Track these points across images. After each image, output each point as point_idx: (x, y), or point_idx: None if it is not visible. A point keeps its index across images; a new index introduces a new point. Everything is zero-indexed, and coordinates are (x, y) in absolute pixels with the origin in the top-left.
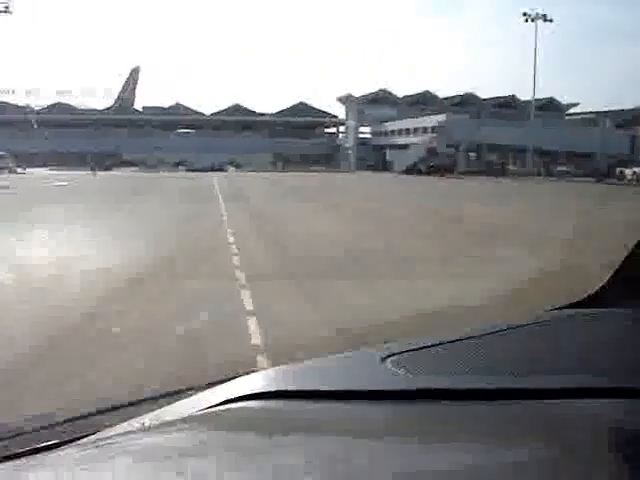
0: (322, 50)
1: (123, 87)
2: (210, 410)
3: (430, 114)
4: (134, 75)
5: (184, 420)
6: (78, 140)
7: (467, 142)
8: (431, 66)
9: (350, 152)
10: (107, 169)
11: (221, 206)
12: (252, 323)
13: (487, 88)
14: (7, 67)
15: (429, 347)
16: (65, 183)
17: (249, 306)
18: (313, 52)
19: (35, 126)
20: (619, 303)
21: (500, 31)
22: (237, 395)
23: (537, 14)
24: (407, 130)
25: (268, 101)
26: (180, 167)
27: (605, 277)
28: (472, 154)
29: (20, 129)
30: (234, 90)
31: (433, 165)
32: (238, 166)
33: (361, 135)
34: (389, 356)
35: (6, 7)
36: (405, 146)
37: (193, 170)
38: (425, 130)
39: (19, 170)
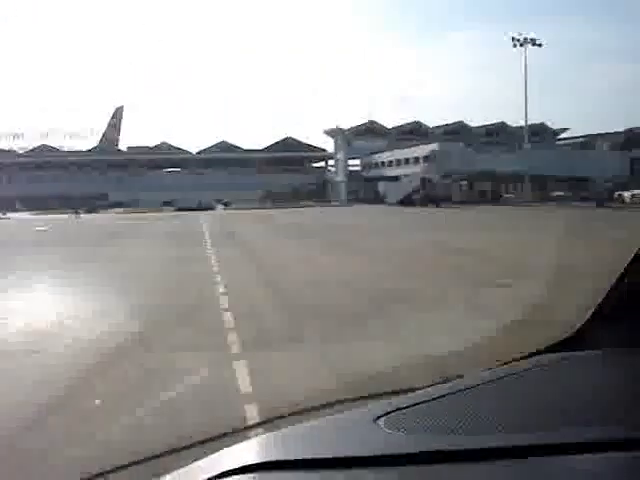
0: (307, 84)
1: (107, 127)
2: None
3: (420, 144)
4: (118, 115)
5: None
6: (63, 182)
7: (461, 171)
8: (418, 96)
9: (341, 185)
10: (91, 211)
11: (209, 251)
12: None
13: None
14: None
15: (420, 404)
16: (44, 228)
17: None
18: (298, 86)
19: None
20: (600, 343)
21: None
22: (228, 469)
23: (525, 39)
24: (398, 161)
25: (255, 137)
26: (167, 207)
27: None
28: (463, 182)
29: (4, 173)
30: (220, 126)
31: (427, 195)
32: (227, 204)
33: (351, 167)
34: (381, 416)
35: None
36: (397, 177)
37: (181, 209)
38: (417, 160)
39: (0, 215)
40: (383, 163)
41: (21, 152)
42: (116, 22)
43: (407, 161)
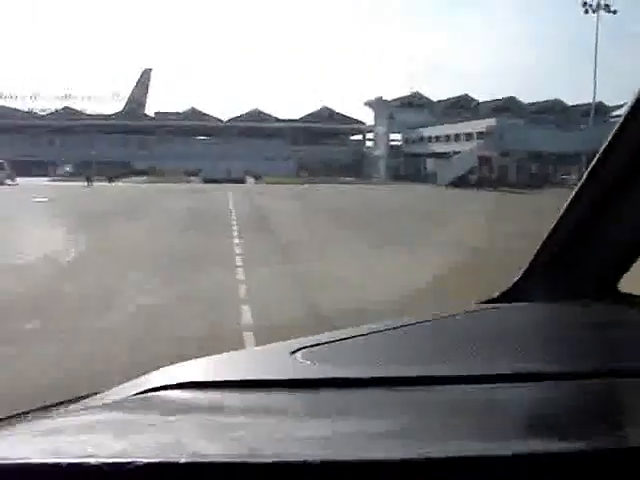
0: (346, 54)
1: (133, 90)
2: (130, 397)
3: (469, 120)
4: (145, 78)
5: (103, 407)
6: (85, 148)
7: (519, 150)
8: (462, 67)
9: (380, 160)
10: (111, 180)
11: (235, 245)
12: None
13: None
14: (10, 71)
15: (339, 340)
16: (46, 199)
17: None
18: (336, 55)
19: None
20: (534, 297)
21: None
22: (157, 385)
23: (599, 4)
24: (447, 136)
25: (289, 106)
26: (194, 177)
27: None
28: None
29: (24, 136)
30: (253, 94)
31: (484, 176)
32: (258, 177)
33: (391, 142)
34: (299, 349)
35: None
36: (445, 154)
37: (208, 181)
38: (470, 137)
39: (8, 182)
40: (429, 138)
41: (42, 114)
42: None
43: (457, 137)
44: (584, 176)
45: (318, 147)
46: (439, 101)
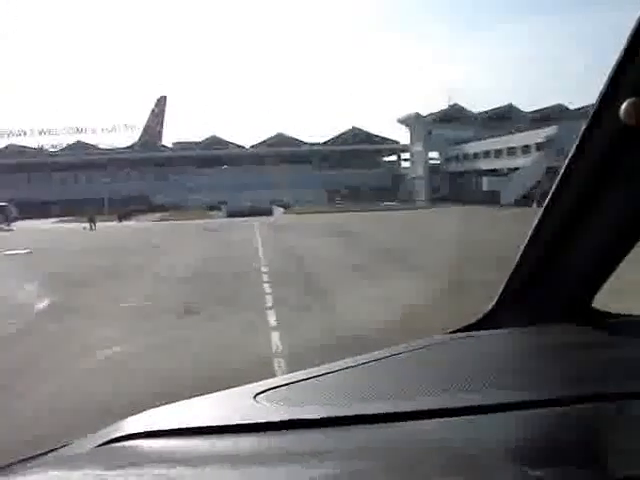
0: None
1: (148, 120)
2: (99, 448)
3: (514, 132)
4: (161, 105)
5: (72, 459)
6: (98, 183)
7: None
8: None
9: (419, 182)
10: (122, 218)
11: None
12: None
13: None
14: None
15: (302, 380)
16: (24, 251)
17: None
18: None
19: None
20: (507, 323)
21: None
22: (120, 435)
23: None
24: (498, 151)
25: (315, 128)
26: (216, 211)
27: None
28: None
29: (35, 174)
30: (276, 118)
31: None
32: (286, 206)
33: (430, 161)
34: (262, 392)
35: None
36: (496, 171)
37: (232, 214)
38: (526, 149)
39: (3, 226)
40: (475, 155)
41: (52, 150)
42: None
43: (511, 151)
44: (548, 197)
45: (349, 171)
46: (479, 113)
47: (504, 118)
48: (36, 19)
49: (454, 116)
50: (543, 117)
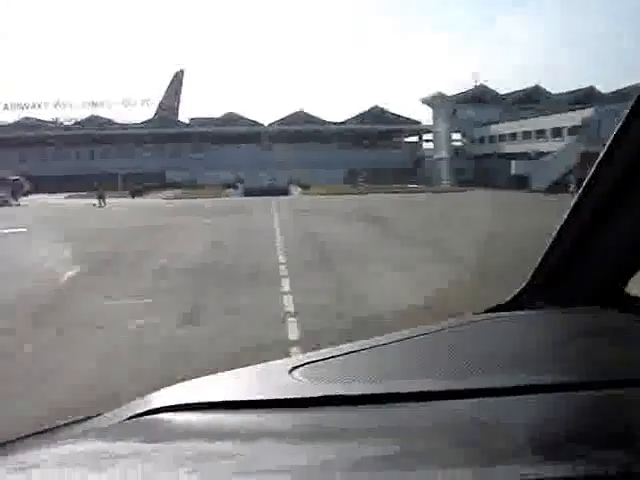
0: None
1: (165, 94)
2: (128, 421)
3: (544, 114)
4: (177, 80)
5: (102, 431)
6: (114, 159)
7: None
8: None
9: (442, 163)
10: (135, 194)
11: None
12: None
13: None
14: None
15: (337, 356)
16: (24, 229)
17: None
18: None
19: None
20: (538, 304)
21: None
22: (152, 408)
23: None
24: (526, 134)
25: (336, 107)
26: (232, 189)
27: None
28: None
29: (49, 148)
30: (296, 95)
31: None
32: (305, 186)
33: (453, 143)
34: (297, 367)
35: None
36: (523, 154)
37: (249, 193)
38: (558, 132)
39: (12, 202)
40: (501, 137)
41: (68, 123)
42: None
43: (541, 133)
44: (586, 179)
45: (369, 151)
46: (507, 94)
47: (531, 100)
48: None
49: (480, 97)
50: (574, 100)
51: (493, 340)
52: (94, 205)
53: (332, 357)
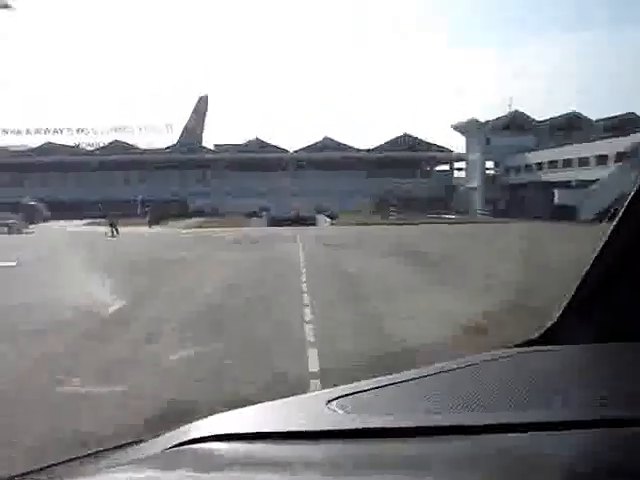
0: (425, 74)
1: (189, 120)
2: (170, 451)
3: (587, 140)
4: (202, 105)
5: (146, 459)
6: (135, 185)
7: None
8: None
9: (475, 193)
10: (154, 223)
11: None
12: None
13: None
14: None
15: (374, 389)
16: (9, 264)
17: None
18: (414, 76)
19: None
20: (571, 339)
21: None
22: (192, 438)
23: None
24: (566, 162)
25: (364, 134)
26: (256, 218)
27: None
28: None
29: (71, 173)
30: (323, 122)
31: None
32: (332, 215)
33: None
34: (335, 399)
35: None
36: (564, 183)
37: (273, 223)
38: (602, 159)
39: (23, 229)
40: (539, 165)
41: (90, 149)
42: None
43: (584, 162)
44: (621, 210)
45: (398, 179)
46: (542, 121)
47: (570, 127)
48: (75, 15)
49: (515, 124)
50: (613, 126)
51: (529, 374)
52: (105, 234)
53: (369, 389)
